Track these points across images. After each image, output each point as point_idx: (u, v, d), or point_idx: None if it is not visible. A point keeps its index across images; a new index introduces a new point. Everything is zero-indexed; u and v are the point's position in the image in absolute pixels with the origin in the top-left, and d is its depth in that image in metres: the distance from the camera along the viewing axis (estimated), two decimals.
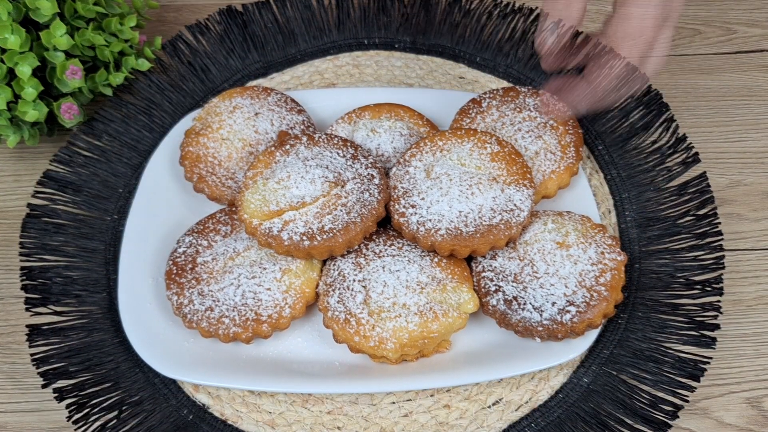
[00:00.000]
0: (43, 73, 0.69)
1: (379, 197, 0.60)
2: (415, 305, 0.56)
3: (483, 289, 0.59)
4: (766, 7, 0.82)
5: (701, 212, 0.66)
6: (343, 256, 0.60)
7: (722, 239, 0.64)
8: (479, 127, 0.66)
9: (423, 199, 0.59)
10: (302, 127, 0.68)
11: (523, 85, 0.72)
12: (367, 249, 0.60)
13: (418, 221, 0.58)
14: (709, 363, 0.59)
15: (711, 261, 0.63)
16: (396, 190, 0.60)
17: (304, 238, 0.58)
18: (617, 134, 0.71)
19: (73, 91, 0.70)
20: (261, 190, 0.60)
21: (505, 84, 0.76)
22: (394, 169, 0.62)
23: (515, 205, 0.58)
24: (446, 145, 0.61)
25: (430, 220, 0.58)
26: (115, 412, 0.58)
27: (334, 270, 0.59)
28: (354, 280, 0.58)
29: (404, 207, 0.59)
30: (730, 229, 0.67)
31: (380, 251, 0.59)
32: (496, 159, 0.60)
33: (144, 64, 0.74)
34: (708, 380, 0.60)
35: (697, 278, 0.62)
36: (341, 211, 0.59)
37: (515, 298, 0.57)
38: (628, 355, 0.60)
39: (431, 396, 0.59)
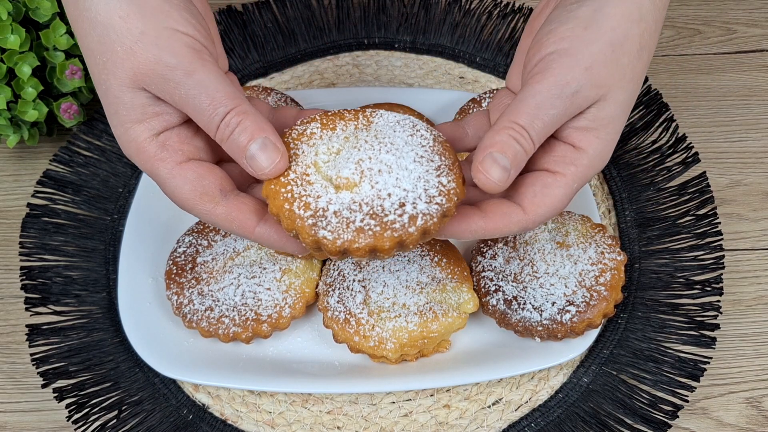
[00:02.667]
0: (43, 72, 0.69)
1: None
2: (414, 305, 0.56)
3: (483, 289, 0.59)
4: (766, 7, 0.82)
5: (701, 212, 0.66)
6: None
7: (722, 239, 0.64)
8: None
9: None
10: None
11: None
12: None
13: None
14: (708, 363, 0.59)
15: (711, 261, 0.63)
16: None
17: None
18: None
19: (73, 90, 0.70)
20: None
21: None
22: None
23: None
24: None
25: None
26: (115, 412, 0.58)
27: (333, 270, 0.59)
28: (354, 280, 0.58)
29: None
30: (730, 229, 0.67)
31: None
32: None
33: None
34: (708, 380, 0.60)
35: (696, 278, 0.62)
36: None
37: (515, 297, 0.57)
38: (627, 355, 0.60)
39: (431, 396, 0.59)
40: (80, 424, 0.58)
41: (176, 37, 0.44)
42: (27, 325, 0.62)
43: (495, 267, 0.59)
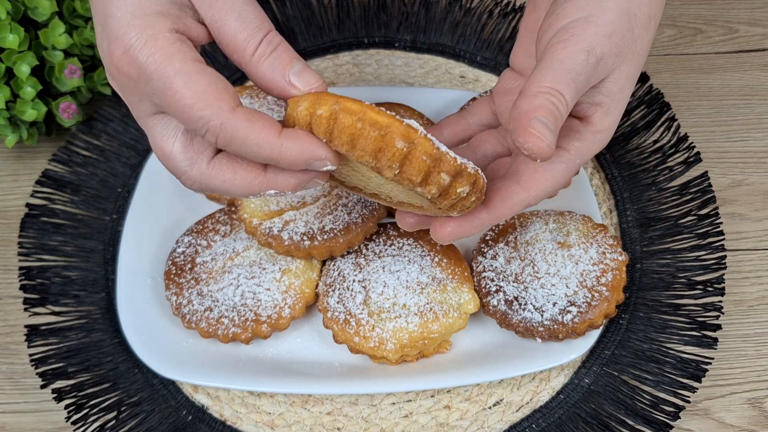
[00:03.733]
0: (41, 72, 0.68)
1: None
2: (415, 305, 0.56)
3: (484, 290, 0.59)
4: None
5: (703, 212, 0.65)
6: (342, 256, 0.60)
7: (724, 239, 0.64)
8: None
9: None
10: None
11: None
12: (367, 249, 0.60)
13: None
14: (710, 363, 0.59)
15: (713, 261, 0.63)
16: None
17: (305, 238, 0.57)
18: (618, 134, 0.71)
19: (71, 90, 0.69)
20: None
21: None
22: None
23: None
24: None
25: None
26: (114, 413, 0.58)
27: (333, 270, 0.59)
28: (354, 281, 0.57)
29: None
30: (732, 229, 0.67)
31: (380, 251, 0.59)
32: None
33: None
34: (709, 381, 0.59)
35: (698, 278, 0.62)
36: (342, 211, 0.58)
37: (516, 298, 0.57)
38: (629, 356, 0.59)
39: (431, 397, 0.59)
40: (79, 424, 0.58)
41: None
42: (26, 326, 0.62)
43: (496, 267, 0.59)
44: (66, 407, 0.59)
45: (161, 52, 0.40)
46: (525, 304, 0.57)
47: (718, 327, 0.60)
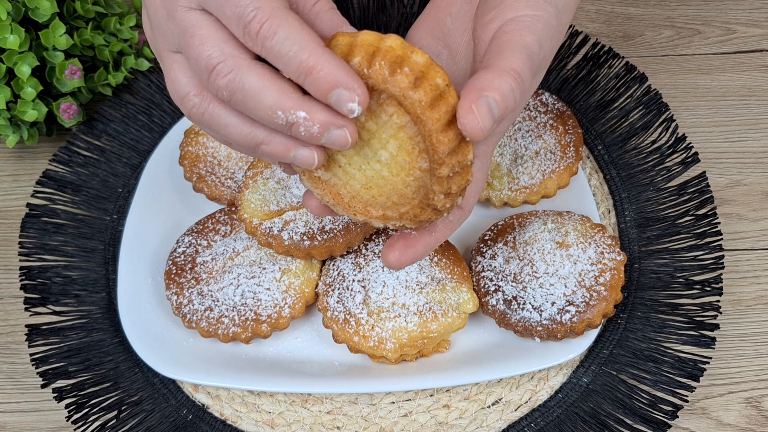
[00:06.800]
0: (42, 72, 0.69)
1: None
2: (414, 305, 0.56)
3: (482, 289, 0.59)
4: (766, 7, 0.81)
5: (701, 212, 0.66)
6: (342, 256, 0.60)
7: (722, 239, 0.64)
8: None
9: None
10: None
11: None
12: (367, 249, 0.60)
13: None
14: (708, 363, 0.59)
15: (710, 261, 0.63)
16: None
17: (305, 238, 0.58)
18: (617, 134, 0.71)
19: (72, 90, 0.70)
20: (261, 190, 0.60)
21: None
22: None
23: None
24: None
25: None
26: (115, 412, 0.58)
27: (333, 270, 0.59)
28: (353, 280, 0.58)
29: None
30: (730, 229, 0.67)
31: (379, 251, 0.59)
32: None
33: (143, 64, 0.74)
34: (707, 380, 0.60)
35: (696, 278, 0.62)
36: None
37: (515, 297, 0.57)
38: (627, 355, 0.60)
39: (431, 396, 0.59)
40: (80, 424, 0.58)
41: None
42: (26, 325, 0.62)
43: (494, 267, 0.59)
44: (66, 407, 0.59)
45: None
46: (524, 304, 0.57)
47: (716, 326, 0.60)
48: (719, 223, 0.65)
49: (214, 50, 0.40)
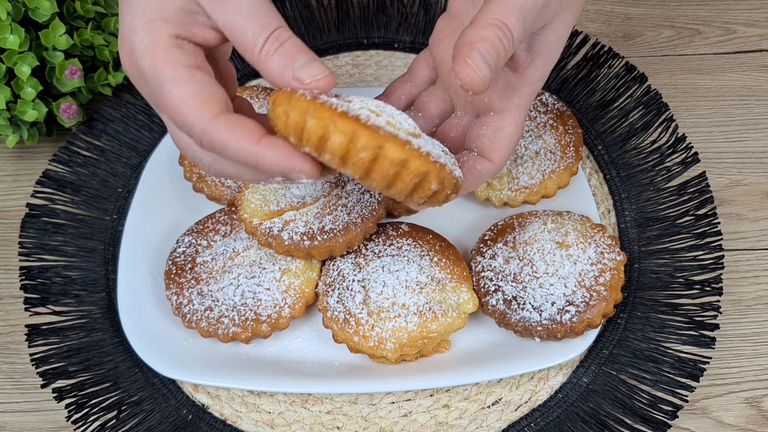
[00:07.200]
0: (42, 72, 0.69)
1: (379, 198, 0.60)
2: (414, 305, 0.56)
3: (482, 289, 0.59)
4: (766, 7, 0.81)
5: (701, 212, 0.66)
6: (342, 256, 0.60)
7: (721, 239, 0.64)
8: None
9: None
10: None
11: None
12: (367, 249, 0.60)
13: None
14: (708, 363, 0.59)
15: (710, 261, 0.63)
16: None
17: (305, 238, 0.58)
18: (617, 134, 0.71)
19: (72, 90, 0.69)
20: (261, 190, 0.60)
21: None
22: None
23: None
24: None
25: None
26: (115, 412, 0.58)
27: (333, 270, 0.59)
28: (353, 280, 0.58)
29: None
30: (730, 229, 0.67)
31: (379, 251, 0.59)
32: None
33: None
34: (707, 380, 0.60)
35: (696, 278, 0.62)
36: (341, 211, 0.59)
37: (515, 297, 0.57)
38: (627, 355, 0.60)
39: (431, 396, 0.59)
40: (80, 424, 0.58)
41: None
42: (26, 325, 0.62)
43: (494, 267, 0.59)
44: (66, 407, 0.59)
45: (157, 59, 0.42)
46: (524, 304, 0.57)
47: (716, 326, 0.60)
48: (719, 223, 0.65)
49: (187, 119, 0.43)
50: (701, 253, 0.64)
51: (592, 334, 0.58)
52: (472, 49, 0.43)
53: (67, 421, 0.58)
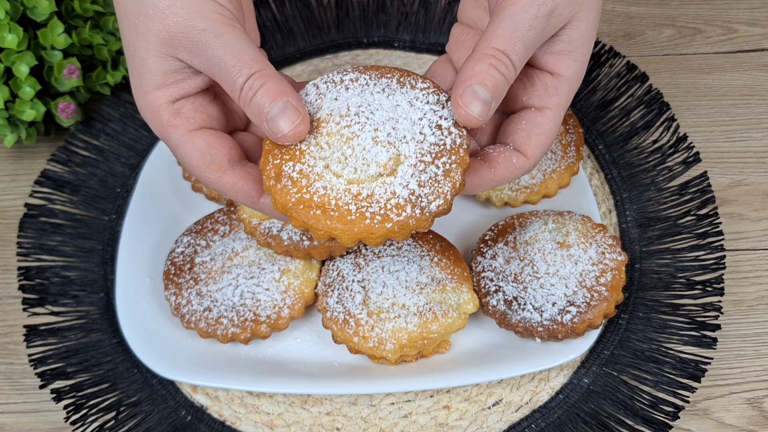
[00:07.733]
0: (40, 72, 0.68)
1: None
2: (414, 306, 0.56)
3: (483, 290, 0.59)
4: (767, 6, 0.81)
5: (702, 212, 0.65)
6: (342, 256, 0.60)
7: (723, 239, 0.64)
8: None
9: None
10: None
11: None
12: (366, 249, 0.60)
13: None
14: (709, 363, 0.59)
15: (712, 261, 0.63)
16: None
17: (304, 238, 0.57)
18: (618, 134, 0.71)
19: (70, 90, 0.69)
20: None
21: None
22: None
23: None
24: None
25: None
26: (113, 413, 0.58)
27: (333, 270, 0.59)
28: (353, 281, 0.57)
29: None
30: (731, 229, 0.67)
31: (379, 251, 0.59)
32: None
33: None
34: (709, 381, 0.59)
35: (698, 278, 0.62)
36: None
37: (515, 298, 0.57)
38: (628, 356, 0.59)
39: (431, 397, 0.59)
40: (78, 425, 0.58)
41: (208, 5, 0.45)
42: (25, 326, 0.62)
43: (495, 267, 0.59)
44: (65, 407, 0.59)
45: (163, 127, 0.48)
46: (524, 304, 0.57)
47: (718, 327, 0.60)
48: (720, 223, 0.65)
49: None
50: (703, 253, 0.63)
51: (593, 335, 0.58)
52: (465, 88, 0.44)
53: (66, 422, 0.58)
